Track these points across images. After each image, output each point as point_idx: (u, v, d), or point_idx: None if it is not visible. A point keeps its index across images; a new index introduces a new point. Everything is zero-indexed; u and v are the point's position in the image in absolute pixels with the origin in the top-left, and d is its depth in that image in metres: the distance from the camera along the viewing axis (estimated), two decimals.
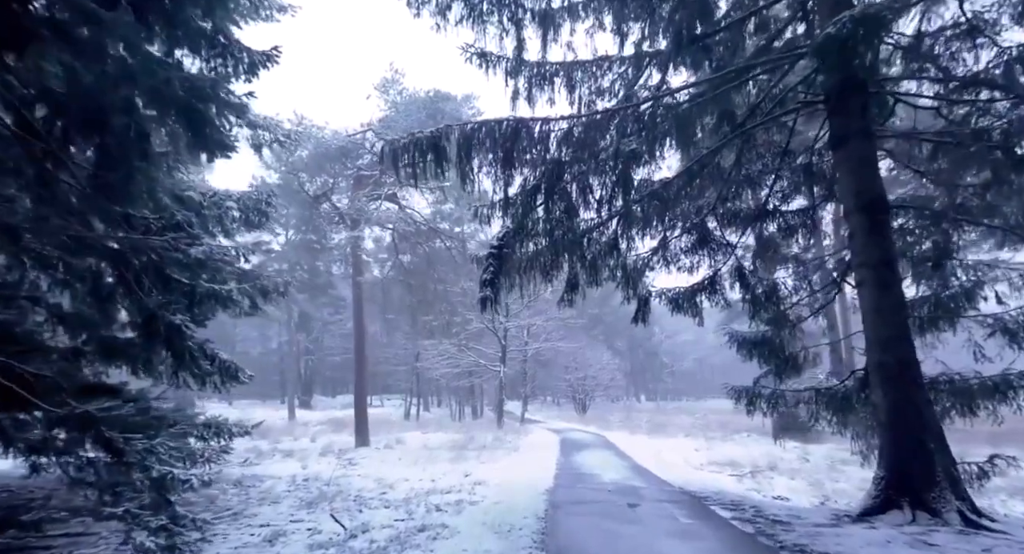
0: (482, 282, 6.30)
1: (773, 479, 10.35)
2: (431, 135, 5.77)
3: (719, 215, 8.35)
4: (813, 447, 16.79)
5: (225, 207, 7.27)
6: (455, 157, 5.89)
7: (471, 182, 6.09)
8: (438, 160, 5.84)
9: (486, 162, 6.13)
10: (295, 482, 9.72)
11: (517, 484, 8.76)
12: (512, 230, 6.63)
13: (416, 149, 5.74)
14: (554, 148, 6.44)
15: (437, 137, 5.79)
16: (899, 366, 5.62)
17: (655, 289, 8.57)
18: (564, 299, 8.25)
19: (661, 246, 8.38)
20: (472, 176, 6.04)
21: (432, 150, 5.77)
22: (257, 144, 10.17)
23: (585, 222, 7.97)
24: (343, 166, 17.70)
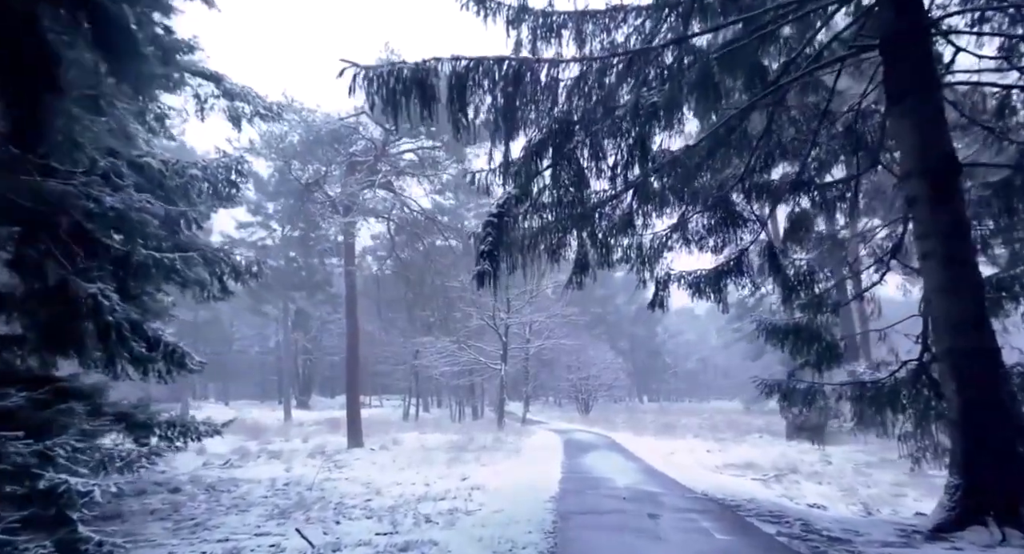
0: (479, 254, 5.41)
1: (799, 484, 9.45)
2: (415, 68, 4.85)
3: (746, 188, 7.44)
4: (830, 448, 15.90)
5: (189, 176, 6.37)
6: (446, 100, 4.99)
7: (465, 131, 5.19)
8: (424, 100, 4.94)
9: (484, 109, 5.24)
10: (274, 487, 8.82)
11: (519, 490, 7.85)
12: (514, 196, 5.74)
13: (397, 83, 4.83)
14: (563, 99, 5.54)
15: (423, 72, 4.87)
16: (975, 355, 4.71)
17: (674, 272, 7.66)
18: (572, 281, 7.36)
19: (681, 223, 7.46)
20: (466, 123, 5.14)
21: (417, 88, 4.87)
22: (235, 116, 9.31)
23: (596, 194, 7.08)
24: (335, 152, 16.80)
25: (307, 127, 15.90)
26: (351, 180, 14.88)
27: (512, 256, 7.01)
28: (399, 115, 4.90)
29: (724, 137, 6.96)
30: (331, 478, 9.40)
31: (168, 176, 6.48)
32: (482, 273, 5.42)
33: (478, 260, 5.46)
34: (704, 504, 6.57)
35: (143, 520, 6.57)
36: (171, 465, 11.28)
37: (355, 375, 16.38)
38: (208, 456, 13.69)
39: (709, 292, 7.71)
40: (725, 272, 7.58)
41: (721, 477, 9.34)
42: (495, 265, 5.53)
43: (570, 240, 7.28)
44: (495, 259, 5.51)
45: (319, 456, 13.66)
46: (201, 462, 12.04)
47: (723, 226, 7.51)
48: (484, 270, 5.40)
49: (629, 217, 7.24)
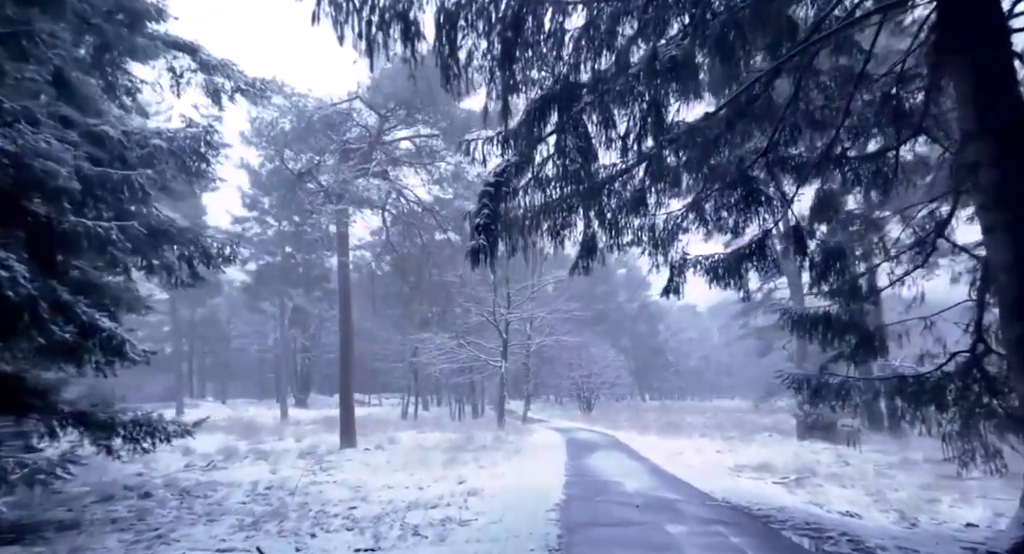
0: (474, 228, 4.72)
1: (823, 487, 8.78)
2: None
3: (770, 164, 6.71)
4: (844, 449, 15.24)
5: (152, 147, 5.68)
6: (433, 40, 4.29)
7: (456, 79, 4.50)
8: (407, 37, 4.25)
9: (478, 55, 4.55)
10: (255, 491, 8.15)
11: (520, 495, 7.17)
12: (514, 164, 5.04)
13: (372, 13, 4.10)
14: (569, 51, 4.84)
15: (406, 2, 4.15)
16: None
17: (690, 256, 6.95)
18: (578, 266, 6.66)
19: (697, 202, 6.75)
20: (457, 71, 4.45)
21: (399, 21, 4.16)
22: (214, 90, 8.61)
23: (605, 169, 6.39)
24: (328, 140, 16.10)
25: (298, 113, 15.20)
26: (344, 167, 14.19)
27: (512, 237, 6.33)
28: (375, 54, 4.20)
29: (745, 106, 6.26)
30: (317, 481, 8.73)
31: (129, 147, 5.79)
32: (477, 249, 4.73)
33: (472, 234, 4.77)
34: (729, 514, 5.87)
35: (101, 530, 5.90)
36: (150, 466, 10.63)
37: (349, 372, 15.71)
38: (194, 456, 13.03)
39: (728, 278, 6.99)
40: (746, 256, 6.85)
41: (739, 481, 8.65)
42: (492, 241, 4.84)
43: (576, 220, 6.59)
44: (492, 234, 4.82)
45: (309, 457, 13.00)
46: (184, 463, 11.38)
47: (744, 205, 6.78)
48: (479, 246, 4.71)
49: (641, 194, 6.54)
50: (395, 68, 15.07)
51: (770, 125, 6.61)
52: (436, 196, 18.14)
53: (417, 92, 13.98)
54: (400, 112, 15.95)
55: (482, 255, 4.77)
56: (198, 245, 6.10)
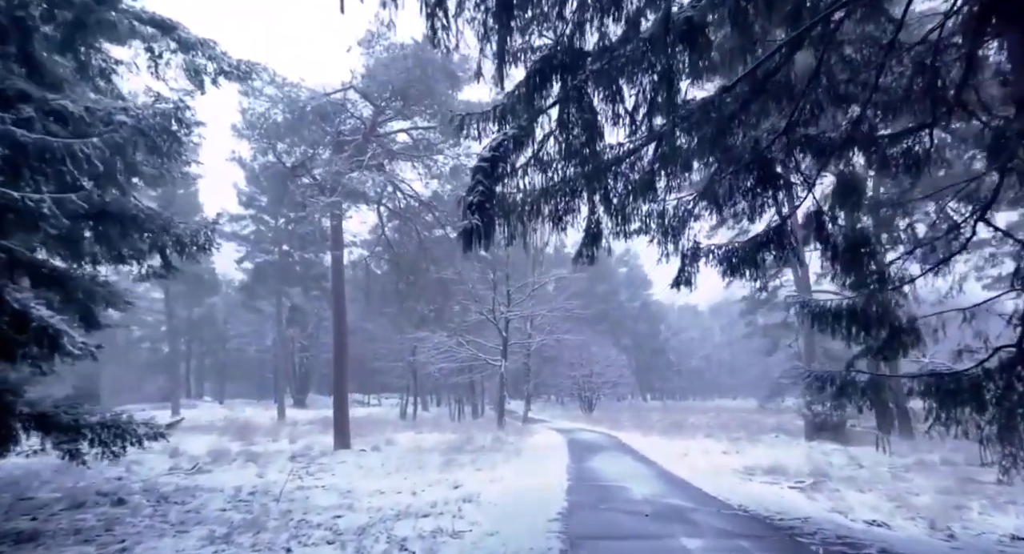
0: (467, 207, 4.20)
1: (840, 492, 8.28)
2: None
3: (789, 144, 6.21)
4: (855, 450, 14.78)
5: (116, 123, 5.18)
6: None
7: (444, 32, 3.99)
8: None
9: (470, 5, 4.04)
10: (237, 497, 7.66)
11: (519, 502, 6.68)
12: (512, 137, 4.54)
13: None
14: (573, 9, 4.34)
15: None
16: None
17: (703, 245, 6.46)
18: (582, 254, 6.18)
19: (711, 186, 6.25)
20: (445, 22, 3.94)
21: None
22: (194, 70, 8.10)
23: (611, 149, 5.90)
24: (322, 132, 15.59)
25: (290, 103, 14.68)
26: (337, 159, 13.68)
27: (510, 222, 5.85)
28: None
29: (763, 81, 5.76)
30: (304, 486, 8.22)
31: (92, 124, 5.29)
32: (469, 231, 4.22)
33: (465, 214, 4.26)
34: (750, 525, 5.36)
35: (63, 542, 5.41)
36: (132, 470, 10.15)
37: (343, 371, 15.20)
38: (182, 458, 12.56)
39: (744, 268, 6.49)
40: (763, 244, 6.35)
41: (752, 485, 8.15)
42: (486, 221, 4.33)
43: (579, 204, 6.11)
44: (486, 213, 4.31)
45: (301, 459, 12.52)
46: (169, 466, 10.88)
47: (760, 190, 6.28)
48: (472, 227, 4.20)
49: (650, 177, 6.04)
50: (390, 56, 14.61)
51: (789, 102, 6.10)
52: (434, 191, 17.62)
53: (411, 80, 13.49)
54: (396, 104, 15.44)
55: (475, 237, 4.26)
56: (170, 232, 5.60)
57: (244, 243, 34.28)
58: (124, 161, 5.53)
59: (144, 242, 5.66)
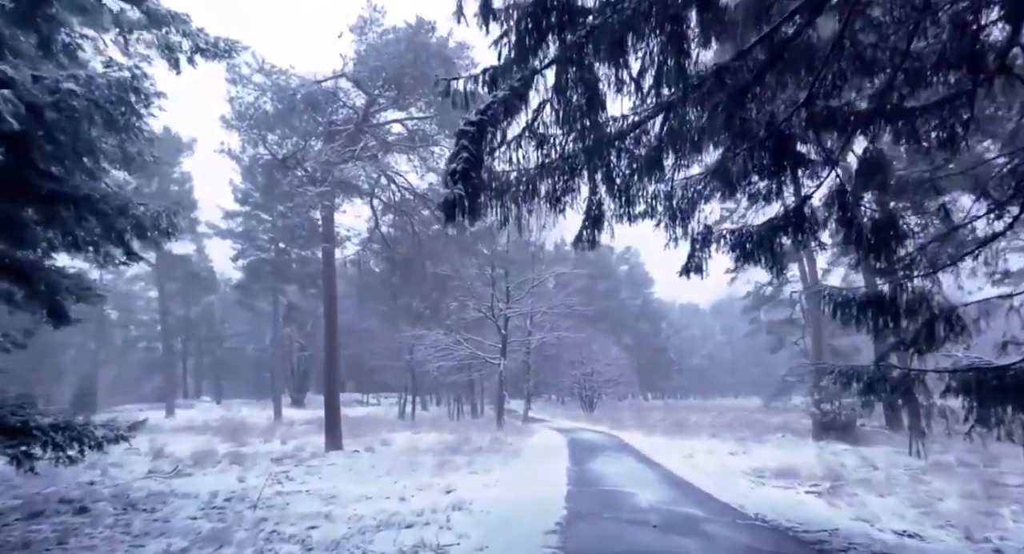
0: (450, 175, 3.64)
1: (858, 496, 7.75)
2: None
3: (808, 118, 5.65)
4: (865, 450, 14.29)
5: (64, 92, 4.65)
6: None
7: None
8: None
9: None
10: (212, 503, 7.12)
11: (515, 510, 6.14)
12: (503, 100, 3.99)
13: None
14: None
15: None
16: None
17: (715, 229, 5.91)
18: (582, 238, 5.65)
19: (723, 163, 5.69)
20: None
21: None
22: (167, 46, 7.54)
23: (615, 122, 5.36)
24: (314, 122, 15.04)
25: (279, 91, 14.13)
26: (328, 149, 13.14)
27: (504, 204, 5.31)
28: None
29: (780, 47, 5.22)
30: (285, 492, 7.69)
31: (38, 95, 4.75)
32: (452, 202, 3.65)
33: (447, 182, 3.70)
34: (772, 539, 4.81)
35: None
36: (109, 474, 9.64)
37: (334, 369, 14.66)
38: (164, 461, 12.06)
39: (759, 254, 5.93)
40: (780, 227, 5.80)
41: (765, 490, 7.60)
42: (471, 191, 3.77)
43: (579, 184, 5.57)
44: (471, 182, 3.76)
45: (289, 461, 12.00)
46: (148, 469, 10.35)
47: (778, 167, 5.74)
48: (455, 197, 3.63)
49: (657, 154, 5.49)
50: (383, 41, 14.06)
51: (809, 72, 5.54)
52: (430, 184, 17.04)
53: (404, 65, 12.94)
54: (389, 92, 14.89)
55: (458, 209, 3.71)
56: (128, 215, 5.06)
57: (239, 240, 33.71)
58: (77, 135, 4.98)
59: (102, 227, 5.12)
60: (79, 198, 4.91)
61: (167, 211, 5.58)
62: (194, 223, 36.35)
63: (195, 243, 37.91)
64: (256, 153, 16.61)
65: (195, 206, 36.49)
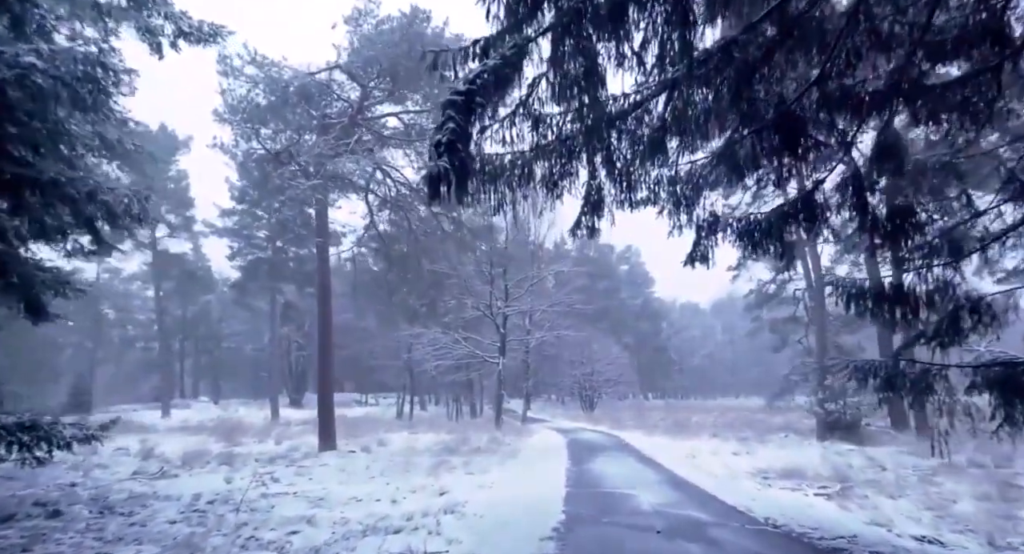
0: (434, 147, 3.30)
1: (869, 498, 7.42)
2: None
3: (821, 98, 5.34)
4: (871, 450, 13.94)
5: (24, 66, 4.32)
6: None
7: None
8: None
9: None
10: (194, 506, 6.80)
11: (510, 514, 5.82)
12: (494, 68, 3.66)
13: None
14: None
15: None
16: None
17: (722, 216, 5.60)
18: (581, 225, 5.36)
19: (731, 146, 5.38)
20: None
21: None
22: (148, 29, 7.22)
23: (615, 101, 5.06)
24: (307, 115, 14.72)
25: (271, 82, 13.80)
26: (320, 141, 12.81)
27: (497, 188, 5.01)
28: None
29: (790, 24, 4.90)
30: (270, 494, 7.36)
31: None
32: (436, 176, 3.31)
33: (431, 155, 3.36)
34: (786, 546, 4.47)
35: None
36: (91, 475, 9.31)
37: (328, 368, 14.34)
38: (152, 461, 11.73)
39: (767, 244, 5.63)
40: (791, 215, 5.49)
41: (772, 492, 7.27)
42: (458, 165, 3.42)
43: (578, 167, 5.27)
44: (457, 155, 3.41)
45: (281, 461, 11.67)
46: (133, 470, 10.02)
47: (788, 151, 5.42)
48: (440, 171, 3.28)
49: (660, 135, 5.18)
50: (377, 31, 13.74)
51: (821, 49, 5.22)
52: None
53: (399, 56, 12.63)
54: (384, 84, 14.56)
55: (444, 185, 3.38)
56: (97, 200, 4.74)
57: (236, 238, 33.37)
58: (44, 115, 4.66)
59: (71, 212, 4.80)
60: (45, 182, 4.60)
61: (137, 196, 5.26)
62: (190, 221, 36.03)
63: (191, 241, 37.55)
64: (250, 147, 16.29)
65: (191, 204, 36.19)
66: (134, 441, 16.39)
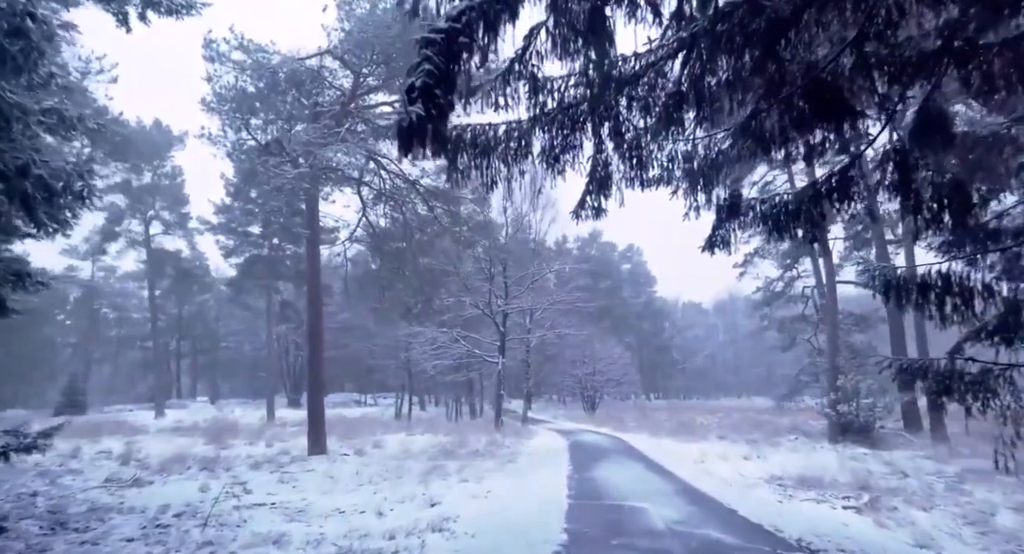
0: (407, 91, 2.65)
1: (898, 510, 6.78)
2: None
3: (859, 61, 4.69)
4: (887, 454, 13.31)
5: None
6: None
7: None
8: None
9: None
10: (159, 520, 6.18)
11: (504, 530, 5.19)
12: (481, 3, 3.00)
13: None
14: None
15: None
16: None
17: (745, 196, 4.97)
18: (586, 205, 4.74)
19: (756, 116, 4.73)
20: None
21: None
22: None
23: (624, 62, 4.43)
24: (299, 104, 14.09)
25: (258, 68, 13.17)
26: (310, 128, 12.18)
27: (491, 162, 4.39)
28: None
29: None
30: (243, 505, 6.72)
31: None
32: (409, 126, 2.63)
33: (403, 101, 2.68)
34: None
35: None
36: (59, 484, 8.68)
37: (318, 367, 13.70)
38: (130, 466, 11.11)
39: (795, 227, 4.99)
40: (823, 194, 4.86)
41: (798, 506, 6.62)
42: (435, 112, 2.76)
43: (582, 139, 4.64)
44: (435, 102, 2.75)
45: (266, 466, 11.05)
46: (105, 476, 9.40)
47: (820, 121, 4.77)
48: (413, 120, 2.62)
49: (676, 102, 4.53)
50: (371, 13, 13.11)
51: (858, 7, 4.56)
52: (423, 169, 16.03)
53: (393, 38, 11.99)
54: (378, 71, 13.92)
55: (416, 138, 2.74)
56: (30, 175, 4.12)
57: (232, 236, 32.73)
58: None
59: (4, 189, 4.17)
60: None
61: (78, 170, 4.63)
62: (185, 218, 35.44)
63: (187, 239, 36.93)
64: (239, 138, 15.65)
65: (187, 201, 35.59)
66: (120, 443, 15.81)
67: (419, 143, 2.78)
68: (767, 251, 21.05)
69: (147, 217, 34.59)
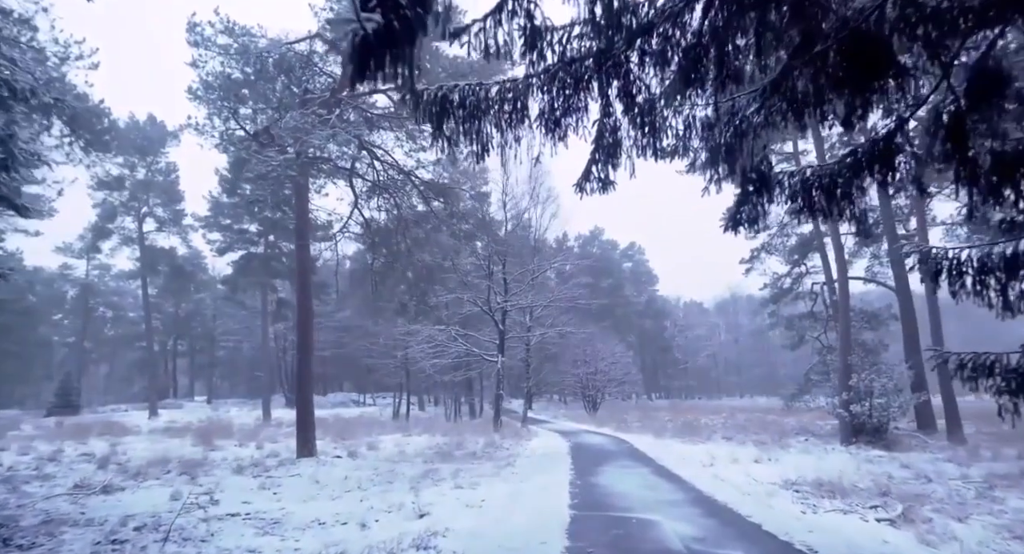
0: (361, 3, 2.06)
1: (933, 521, 6.16)
2: None
3: (903, 12, 4.07)
4: (903, 457, 12.70)
5: None
6: None
7: None
8: None
9: None
10: (117, 533, 5.56)
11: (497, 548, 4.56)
12: None
13: None
14: None
15: None
16: None
17: (776, 169, 4.37)
18: (591, 177, 4.14)
19: (787, 75, 4.11)
20: None
21: None
22: None
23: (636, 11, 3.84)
24: (289, 92, 13.48)
25: (245, 53, 12.56)
26: (298, 114, 11.56)
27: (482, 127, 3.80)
28: None
29: None
30: (212, 517, 6.09)
31: None
32: (365, 42, 2.00)
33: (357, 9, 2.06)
34: None
35: None
36: (22, 489, 8.09)
37: (307, 366, 13.07)
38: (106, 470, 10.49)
39: (831, 205, 4.39)
40: (864, 164, 4.25)
41: (825, 518, 5.97)
42: (399, 28, 2.11)
43: (587, 100, 4.04)
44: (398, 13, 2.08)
45: (249, 470, 10.44)
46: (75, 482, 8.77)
47: (862, 81, 4.16)
48: (367, 36, 1.99)
49: (694, 59, 3.93)
50: None
51: None
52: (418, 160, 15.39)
53: None
54: None
55: (375, 60, 2.11)
56: None
57: (227, 233, 32.14)
58: None
59: None
60: None
61: None
62: (179, 215, 34.84)
63: (181, 236, 36.32)
64: (227, 128, 15.03)
65: (181, 197, 35.01)
66: (106, 445, 15.25)
67: (378, 66, 2.13)
68: (774, 247, 20.43)
69: (141, 214, 34.00)
